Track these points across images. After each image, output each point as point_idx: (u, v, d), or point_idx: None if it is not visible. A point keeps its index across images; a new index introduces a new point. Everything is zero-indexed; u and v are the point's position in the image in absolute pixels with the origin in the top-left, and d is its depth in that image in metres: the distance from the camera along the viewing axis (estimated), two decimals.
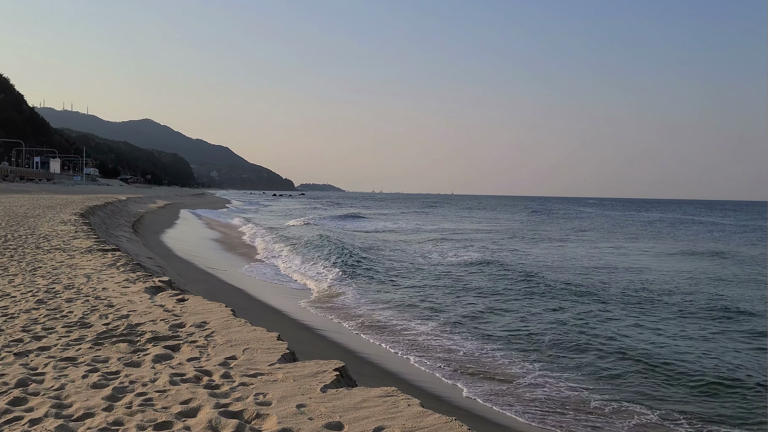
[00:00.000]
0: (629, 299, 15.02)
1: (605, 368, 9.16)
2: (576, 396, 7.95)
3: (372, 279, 17.49)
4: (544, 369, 9.05)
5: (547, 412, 7.35)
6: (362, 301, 13.99)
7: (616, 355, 9.85)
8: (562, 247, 30.20)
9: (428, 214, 74.36)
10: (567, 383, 8.42)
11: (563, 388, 8.21)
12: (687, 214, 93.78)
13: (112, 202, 33.91)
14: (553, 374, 8.79)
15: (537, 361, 9.47)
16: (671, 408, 7.62)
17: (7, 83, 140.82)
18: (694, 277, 19.39)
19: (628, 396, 8.02)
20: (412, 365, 9.03)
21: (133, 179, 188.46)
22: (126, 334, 5.54)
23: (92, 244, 12.68)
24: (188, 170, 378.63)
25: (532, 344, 10.45)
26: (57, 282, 8.25)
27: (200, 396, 3.86)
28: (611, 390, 8.24)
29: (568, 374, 8.83)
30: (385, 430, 3.30)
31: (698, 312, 13.62)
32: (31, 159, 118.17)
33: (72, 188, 70.24)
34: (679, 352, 10.16)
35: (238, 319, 6.04)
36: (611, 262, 23.35)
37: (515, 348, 10.19)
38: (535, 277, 18.09)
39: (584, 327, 11.76)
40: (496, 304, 14.10)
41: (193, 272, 15.28)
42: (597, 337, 10.98)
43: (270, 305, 12.51)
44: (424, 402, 3.80)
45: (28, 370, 4.47)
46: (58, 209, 24.79)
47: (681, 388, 8.41)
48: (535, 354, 9.87)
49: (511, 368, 9.05)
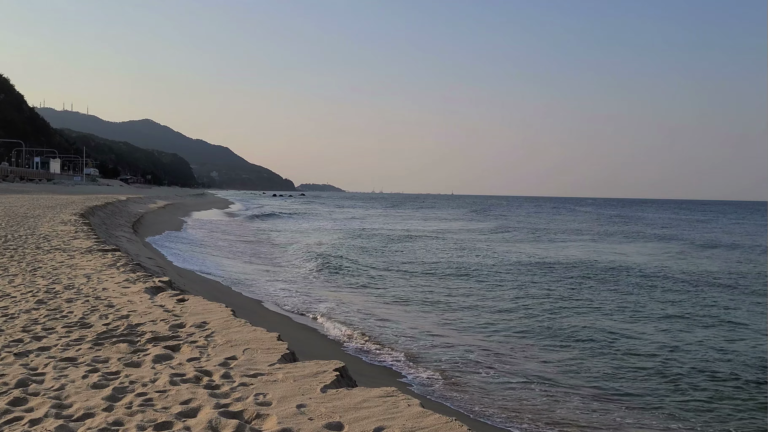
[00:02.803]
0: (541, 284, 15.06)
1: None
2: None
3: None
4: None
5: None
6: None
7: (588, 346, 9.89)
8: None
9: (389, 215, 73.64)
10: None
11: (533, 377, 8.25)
12: (680, 213, 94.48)
13: (112, 202, 33.90)
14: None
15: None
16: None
17: (7, 83, 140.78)
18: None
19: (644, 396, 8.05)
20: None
21: (133, 179, 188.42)
22: (126, 335, 5.54)
23: (92, 245, 12.68)
24: (188, 170, 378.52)
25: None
26: (57, 282, 8.24)
27: (200, 396, 3.86)
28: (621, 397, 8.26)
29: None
30: (385, 430, 3.30)
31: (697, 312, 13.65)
32: (31, 159, 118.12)
33: (72, 188, 70.19)
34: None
35: (238, 320, 6.04)
36: (509, 258, 23.39)
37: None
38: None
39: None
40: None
41: (192, 273, 15.28)
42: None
43: (269, 306, 12.52)
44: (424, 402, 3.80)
45: (28, 370, 4.47)
46: (58, 209, 24.78)
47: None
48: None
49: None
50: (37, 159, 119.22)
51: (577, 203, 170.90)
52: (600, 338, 10.96)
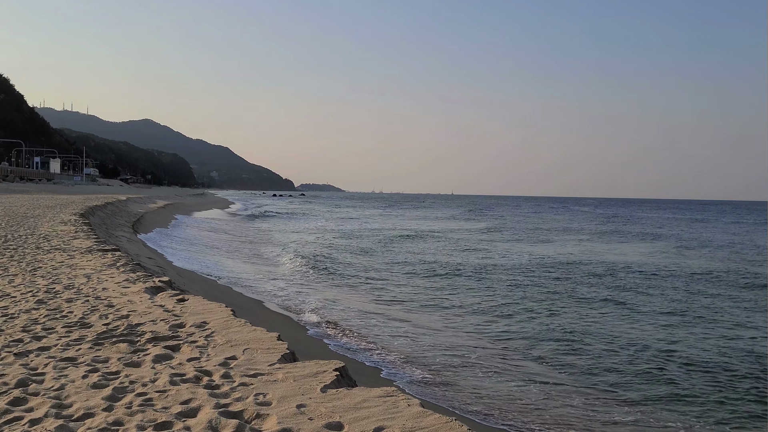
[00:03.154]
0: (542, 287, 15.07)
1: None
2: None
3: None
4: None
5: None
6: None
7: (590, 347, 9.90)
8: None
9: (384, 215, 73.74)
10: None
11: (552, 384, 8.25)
12: (676, 213, 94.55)
13: (112, 202, 33.90)
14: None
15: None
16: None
17: (7, 83, 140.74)
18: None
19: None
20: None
21: (133, 179, 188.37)
22: (126, 335, 5.54)
23: (92, 244, 12.67)
24: (188, 170, 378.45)
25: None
26: (57, 282, 8.24)
27: (200, 396, 3.86)
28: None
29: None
30: (385, 430, 3.30)
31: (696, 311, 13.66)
32: (31, 159, 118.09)
33: (72, 188, 70.18)
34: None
35: (238, 320, 6.04)
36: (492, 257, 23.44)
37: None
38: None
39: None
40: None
41: (192, 272, 15.27)
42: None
43: (269, 305, 12.51)
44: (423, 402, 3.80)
45: (28, 370, 4.47)
46: (58, 209, 24.78)
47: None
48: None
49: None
50: (37, 159, 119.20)
51: (577, 203, 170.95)
52: (598, 337, 10.97)
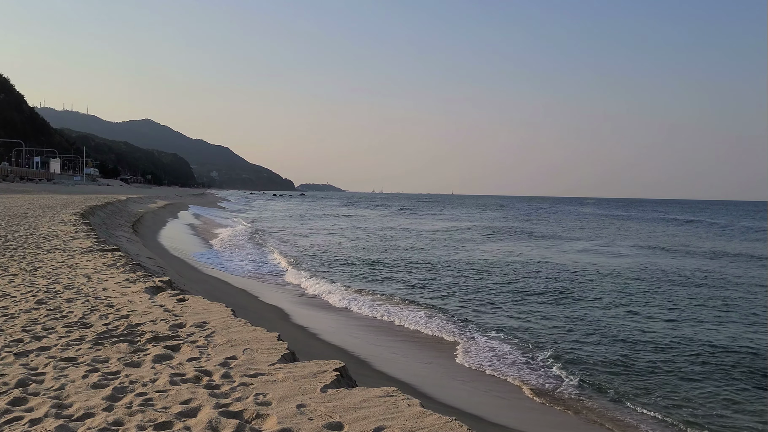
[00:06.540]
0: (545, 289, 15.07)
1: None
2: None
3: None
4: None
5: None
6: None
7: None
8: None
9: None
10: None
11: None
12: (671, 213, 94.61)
13: (112, 202, 33.91)
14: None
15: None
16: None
17: (7, 83, 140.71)
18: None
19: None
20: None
21: (133, 179, 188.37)
22: (126, 334, 5.54)
23: (92, 244, 12.67)
24: (188, 170, 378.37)
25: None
26: (57, 282, 8.24)
27: (200, 396, 3.86)
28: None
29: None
30: (385, 430, 3.29)
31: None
32: (31, 159, 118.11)
33: (72, 188, 70.18)
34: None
35: (238, 320, 6.04)
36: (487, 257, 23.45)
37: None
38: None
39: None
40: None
41: (193, 272, 15.27)
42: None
43: (270, 305, 12.51)
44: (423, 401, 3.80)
45: (28, 370, 4.47)
46: (58, 209, 24.78)
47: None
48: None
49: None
50: (37, 159, 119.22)
51: (576, 203, 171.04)
52: (600, 335, 10.97)
